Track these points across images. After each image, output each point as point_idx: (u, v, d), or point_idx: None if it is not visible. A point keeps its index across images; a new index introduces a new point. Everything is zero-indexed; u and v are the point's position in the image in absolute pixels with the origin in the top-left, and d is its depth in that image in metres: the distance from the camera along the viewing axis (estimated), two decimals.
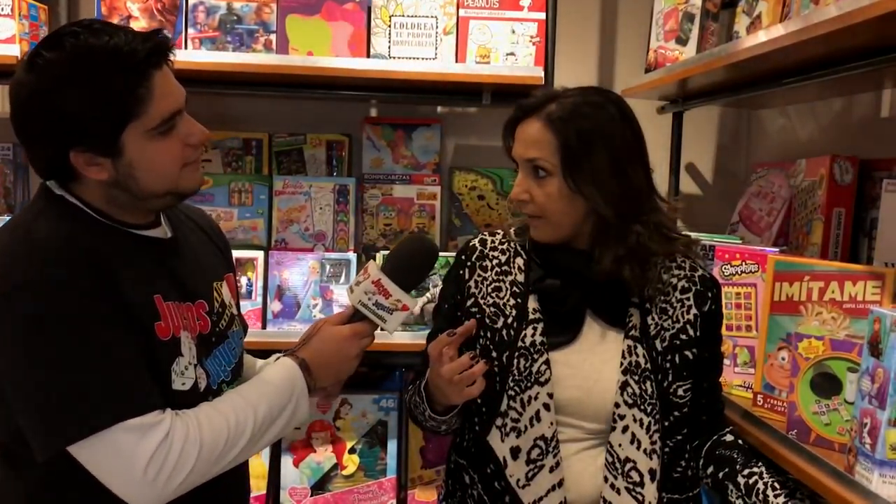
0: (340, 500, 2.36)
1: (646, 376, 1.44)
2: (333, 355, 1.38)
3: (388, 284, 1.35)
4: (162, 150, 1.25)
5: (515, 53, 2.26)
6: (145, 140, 1.23)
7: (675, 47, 2.18)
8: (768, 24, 1.67)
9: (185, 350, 1.29)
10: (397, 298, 1.35)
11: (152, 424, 1.18)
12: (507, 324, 1.47)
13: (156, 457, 1.17)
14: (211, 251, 1.50)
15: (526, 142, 1.43)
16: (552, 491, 1.42)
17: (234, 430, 1.24)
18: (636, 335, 1.46)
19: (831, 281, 1.50)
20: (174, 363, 1.27)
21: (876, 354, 1.22)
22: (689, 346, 1.47)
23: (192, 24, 2.21)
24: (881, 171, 1.74)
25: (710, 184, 2.72)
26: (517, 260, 1.52)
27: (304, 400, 1.34)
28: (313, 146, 2.50)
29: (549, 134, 1.41)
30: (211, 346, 1.37)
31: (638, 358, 1.45)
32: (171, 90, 1.26)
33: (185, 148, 1.28)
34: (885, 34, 1.38)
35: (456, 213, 2.52)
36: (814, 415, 1.43)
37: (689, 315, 1.48)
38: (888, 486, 1.19)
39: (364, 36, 2.24)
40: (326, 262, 2.33)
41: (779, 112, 2.48)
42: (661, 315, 1.47)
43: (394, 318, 1.36)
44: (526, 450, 1.44)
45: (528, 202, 1.44)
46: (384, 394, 2.40)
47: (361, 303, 1.36)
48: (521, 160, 1.45)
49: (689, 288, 1.49)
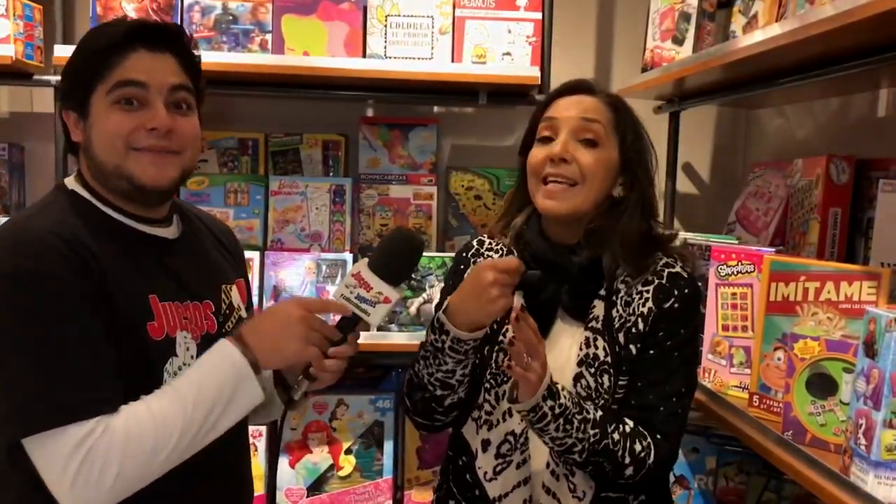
0: (337, 500, 2.35)
1: (604, 370, 1.41)
2: (274, 331, 1.29)
3: (370, 277, 1.33)
4: (113, 118, 1.27)
5: (512, 53, 2.26)
6: (106, 105, 1.27)
7: (671, 47, 2.18)
8: (764, 24, 1.67)
9: (181, 351, 1.28)
10: (379, 291, 1.33)
11: (89, 432, 1.15)
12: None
13: (83, 466, 1.14)
14: (221, 255, 1.49)
15: (582, 106, 1.46)
16: (518, 487, 1.43)
17: (161, 427, 1.19)
18: (597, 327, 1.43)
19: (827, 281, 1.50)
20: (167, 363, 1.27)
21: (871, 355, 1.21)
22: (635, 341, 1.42)
23: (187, 24, 2.21)
24: (878, 170, 1.74)
25: (707, 184, 2.72)
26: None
27: (248, 379, 1.25)
28: (309, 146, 2.50)
29: (606, 111, 1.46)
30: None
31: (597, 350, 1.42)
32: (145, 67, 1.28)
33: (138, 129, 1.28)
34: (881, 33, 1.38)
35: (453, 214, 2.52)
36: (809, 415, 1.43)
37: (643, 308, 1.43)
38: (883, 487, 1.19)
39: (360, 36, 2.24)
40: (322, 263, 2.33)
41: (775, 112, 2.48)
42: (625, 307, 1.44)
43: (377, 310, 1.33)
44: (496, 443, 1.44)
45: (570, 163, 1.42)
46: (381, 394, 2.39)
47: (343, 296, 1.34)
48: (571, 120, 1.44)
49: (652, 280, 1.44)
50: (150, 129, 1.28)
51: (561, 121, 1.45)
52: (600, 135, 1.43)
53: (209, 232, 1.50)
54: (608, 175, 1.45)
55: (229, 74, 2.16)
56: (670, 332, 1.43)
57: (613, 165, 1.45)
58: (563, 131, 1.44)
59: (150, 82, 1.28)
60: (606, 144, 1.44)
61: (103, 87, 1.27)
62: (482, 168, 2.52)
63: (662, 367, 1.42)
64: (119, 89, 1.27)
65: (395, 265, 1.37)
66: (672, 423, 1.42)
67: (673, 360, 1.43)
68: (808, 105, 2.28)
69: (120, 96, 1.27)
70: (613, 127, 1.45)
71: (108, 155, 1.28)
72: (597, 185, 1.43)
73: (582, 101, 1.46)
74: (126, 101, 1.27)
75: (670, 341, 1.43)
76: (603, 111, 1.45)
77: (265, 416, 1.55)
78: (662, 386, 1.42)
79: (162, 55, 1.30)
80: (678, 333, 1.43)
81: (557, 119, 1.45)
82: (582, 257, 1.44)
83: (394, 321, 2.26)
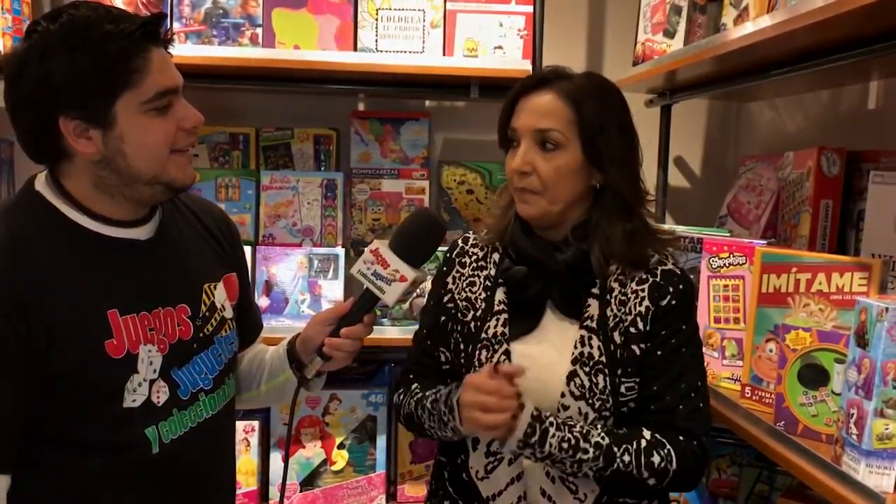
0: (329, 495, 2.35)
1: (598, 369, 1.39)
2: None
3: (387, 254, 1.33)
4: (154, 127, 1.22)
5: (503, 47, 2.25)
6: (138, 114, 1.21)
7: (662, 40, 2.18)
8: (755, 16, 1.67)
9: (142, 367, 1.25)
10: (395, 269, 1.33)
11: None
12: (476, 316, 1.47)
13: None
14: (207, 249, 1.45)
15: (537, 112, 1.40)
16: (511, 485, 1.41)
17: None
18: (592, 326, 1.41)
19: (818, 272, 1.50)
20: (128, 381, 1.24)
21: (862, 345, 1.22)
22: (637, 341, 1.40)
23: (177, 17, 2.20)
24: (868, 162, 1.74)
25: (699, 177, 2.72)
26: (494, 255, 1.52)
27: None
28: (300, 141, 2.49)
29: (564, 106, 1.39)
30: (191, 352, 1.34)
31: (591, 350, 1.40)
32: (169, 68, 1.25)
33: (178, 131, 1.26)
34: (871, 24, 1.38)
35: (445, 208, 2.51)
36: (801, 406, 1.43)
37: (640, 307, 1.41)
38: (875, 476, 1.19)
39: (351, 29, 2.23)
40: (314, 258, 2.32)
41: (766, 105, 2.48)
42: (619, 306, 1.42)
43: (392, 288, 1.33)
44: (485, 441, 1.43)
45: (530, 174, 1.41)
46: (373, 389, 2.39)
47: (360, 272, 1.35)
48: (527, 131, 1.41)
49: (647, 279, 1.43)
50: (189, 128, 1.27)
51: (519, 131, 1.42)
52: (559, 140, 1.39)
53: (198, 222, 1.46)
54: (573, 176, 1.41)
55: (219, 69, 2.15)
56: (674, 330, 1.42)
57: (578, 165, 1.40)
58: (523, 142, 1.42)
59: (180, 85, 1.26)
60: (568, 146, 1.39)
61: (135, 96, 1.20)
62: (474, 162, 2.52)
63: (673, 367, 1.41)
64: (162, 99, 1.22)
65: (415, 244, 1.37)
66: (695, 420, 1.41)
67: (681, 357, 1.42)
68: (798, 98, 2.28)
69: (159, 105, 1.22)
70: (574, 124, 1.39)
71: (148, 165, 1.24)
72: (561, 190, 1.41)
73: (539, 105, 1.40)
74: (164, 107, 1.23)
75: (674, 339, 1.42)
76: (561, 110, 1.39)
77: (278, 398, 1.57)
78: (677, 385, 1.40)
79: (163, 50, 1.25)
80: (681, 330, 1.42)
81: (517, 130, 1.43)
82: (567, 255, 1.42)
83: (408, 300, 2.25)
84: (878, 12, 1.25)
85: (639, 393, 1.41)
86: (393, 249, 1.34)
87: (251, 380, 1.57)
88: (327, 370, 1.44)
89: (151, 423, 1.27)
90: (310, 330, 1.45)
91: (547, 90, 1.41)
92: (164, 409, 1.29)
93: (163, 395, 1.28)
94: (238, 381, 1.54)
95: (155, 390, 1.27)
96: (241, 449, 2.28)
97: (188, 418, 1.33)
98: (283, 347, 1.52)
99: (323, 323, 1.42)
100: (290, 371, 1.48)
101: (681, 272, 1.46)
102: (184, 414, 1.32)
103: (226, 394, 1.42)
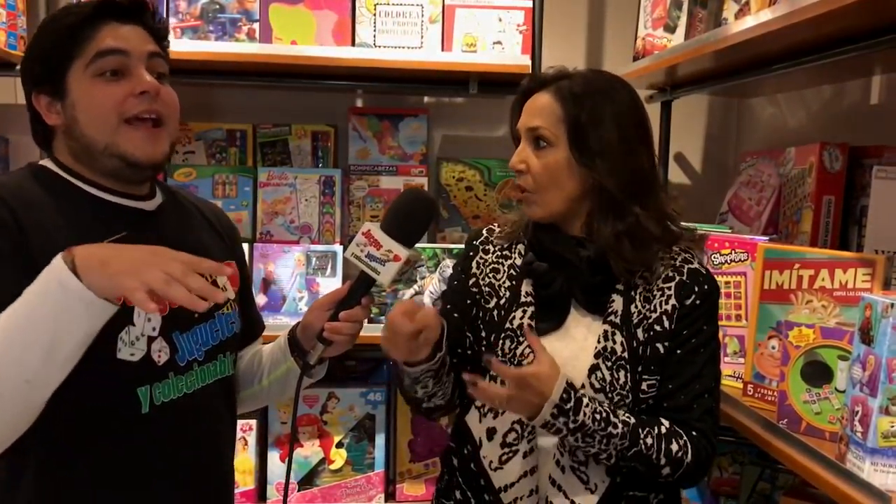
0: (328, 494, 2.34)
1: (620, 364, 1.39)
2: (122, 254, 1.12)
3: (378, 234, 1.33)
4: (99, 92, 1.25)
5: (502, 42, 2.24)
6: (87, 80, 1.25)
7: (663, 35, 2.16)
8: (757, 10, 1.66)
9: (139, 321, 1.25)
10: (388, 249, 1.33)
11: None
12: (500, 305, 1.47)
13: None
14: (207, 237, 1.46)
15: (532, 112, 1.43)
16: (524, 477, 1.41)
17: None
18: (615, 321, 1.41)
19: (821, 269, 1.49)
20: (123, 331, 1.23)
21: (867, 341, 1.20)
22: (661, 339, 1.40)
23: (173, 13, 2.18)
24: (871, 158, 1.73)
25: (699, 173, 2.70)
26: (519, 246, 1.52)
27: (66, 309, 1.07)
28: (298, 137, 2.47)
29: (556, 105, 1.40)
30: (192, 321, 1.34)
31: (615, 345, 1.40)
32: (122, 36, 1.27)
33: (128, 98, 1.26)
34: (872, 18, 1.37)
35: (444, 205, 2.50)
36: (804, 403, 1.42)
37: (667, 305, 1.41)
38: (880, 474, 1.18)
39: (349, 25, 2.21)
40: (312, 255, 2.30)
41: (768, 100, 2.47)
42: (644, 303, 1.42)
43: (387, 269, 1.33)
44: (502, 432, 1.42)
45: (524, 172, 1.43)
46: (372, 387, 2.37)
47: (354, 255, 1.35)
48: (523, 130, 1.44)
49: (673, 277, 1.42)
50: (139, 93, 1.26)
51: (519, 131, 1.45)
52: (548, 137, 1.40)
53: (197, 212, 1.48)
54: (563, 173, 1.40)
55: (216, 64, 2.13)
56: (695, 330, 1.41)
57: (566, 161, 1.40)
58: (522, 141, 1.45)
59: (129, 49, 1.27)
60: (557, 143, 1.40)
61: (81, 61, 1.25)
62: (473, 159, 2.50)
63: (691, 366, 1.41)
64: (100, 59, 1.25)
65: (406, 223, 1.37)
66: (707, 419, 1.41)
67: (700, 357, 1.41)
68: (800, 93, 2.27)
69: (102, 67, 1.25)
70: (562, 121, 1.39)
71: (98, 132, 1.26)
72: (555, 188, 1.41)
73: (536, 104, 1.43)
74: (111, 72, 1.26)
75: (695, 339, 1.41)
76: (551, 109, 1.40)
77: (280, 392, 1.56)
78: (693, 385, 1.40)
79: (132, 26, 1.29)
80: (702, 330, 1.42)
81: (519, 129, 1.46)
82: (591, 251, 1.41)
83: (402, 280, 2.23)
84: (880, 6, 1.25)
85: (655, 389, 1.41)
86: (384, 230, 1.34)
87: (252, 376, 1.56)
88: (329, 356, 1.44)
89: (146, 383, 1.27)
90: (309, 316, 1.46)
91: (547, 90, 1.43)
92: (163, 371, 1.29)
93: (164, 354, 1.29)
94: (239, 380, 1.53)
95: (156, 349, 1.28)
96: (239, 448, 2.26)
97: (183, 384, 1.33)
98: (284, 338, 1.53)
99: (322, 308, 1.42)
100: (291, 360, 1.49)
101: (706, 272, 1.46)
102: (179, 379, 1.32)
103: (218, 370, 1.41)
